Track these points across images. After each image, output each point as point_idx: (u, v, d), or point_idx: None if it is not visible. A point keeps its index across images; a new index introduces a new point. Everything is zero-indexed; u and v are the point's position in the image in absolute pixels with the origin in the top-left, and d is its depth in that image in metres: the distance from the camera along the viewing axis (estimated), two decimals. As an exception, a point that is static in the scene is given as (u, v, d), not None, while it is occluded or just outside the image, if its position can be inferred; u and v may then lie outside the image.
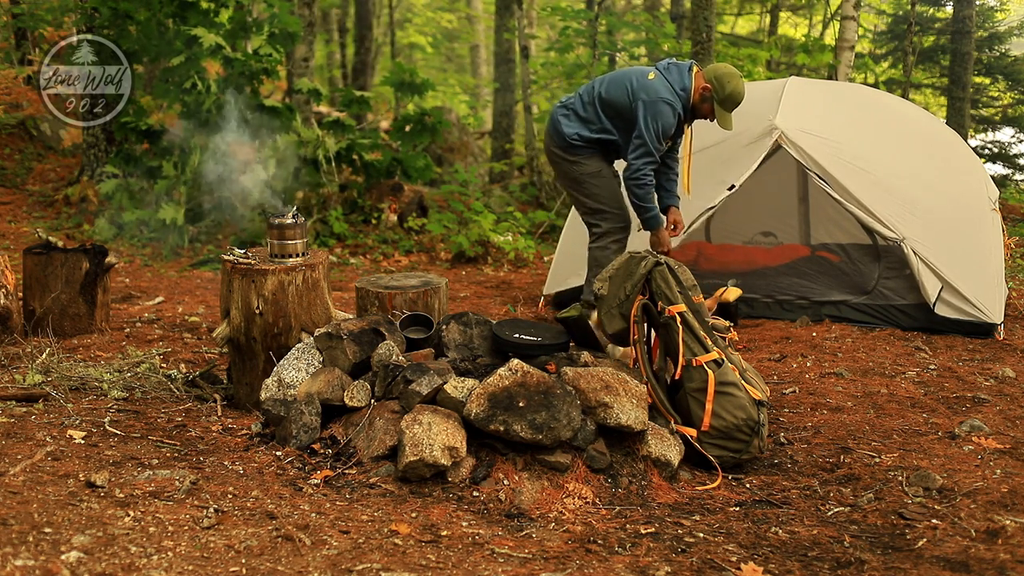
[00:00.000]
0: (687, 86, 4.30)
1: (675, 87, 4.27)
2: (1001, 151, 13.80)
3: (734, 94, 4.29)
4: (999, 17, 14.30)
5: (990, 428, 3.48)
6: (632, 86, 4.31)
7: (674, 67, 4.36)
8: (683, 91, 4.29)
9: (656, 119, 4.23)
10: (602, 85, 4.44)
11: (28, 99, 10.76)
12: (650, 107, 4.23)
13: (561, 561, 2.40)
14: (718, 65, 4.37)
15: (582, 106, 4.47)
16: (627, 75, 4.40)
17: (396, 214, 8.76)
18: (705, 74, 4.32)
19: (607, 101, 4.39)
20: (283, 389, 3.33)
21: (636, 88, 4.29)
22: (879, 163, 5.07)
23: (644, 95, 4.25)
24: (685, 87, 4.30)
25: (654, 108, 4.23)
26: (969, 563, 2.38)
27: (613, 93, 4.37)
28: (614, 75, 4.47)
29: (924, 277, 4.87)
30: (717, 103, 4.31)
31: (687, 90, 4.30)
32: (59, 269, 4.60)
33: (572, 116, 4.49)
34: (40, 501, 2.39)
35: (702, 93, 4.31)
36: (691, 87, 4.31)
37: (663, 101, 4.23)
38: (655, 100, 4.23)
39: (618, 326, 3.38)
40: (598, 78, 4.56)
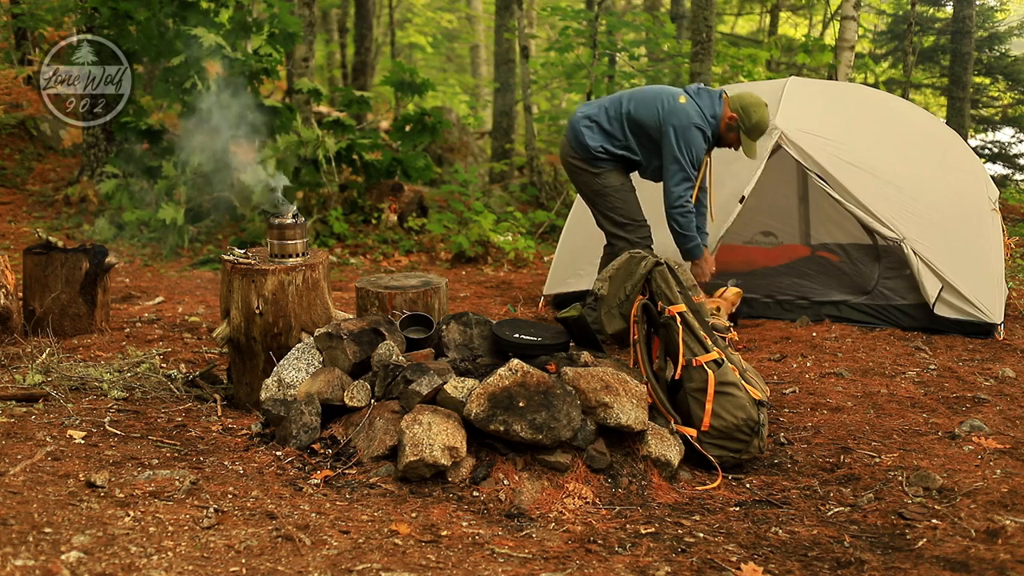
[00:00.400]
0: (717, 113, 4.29)
1: (706, 113, 4.25)
2: (1001, 151, 13.80)
3: (760, 123, 4.29)
4: (999, 17, 14.30)
5: (990, 428, 3.48)
6: (663, 109, 4.26)
7: (705, 93, 4.33)
8: (713, 118, 4.28)
9: (690, 146, 4.20)
10: (630, 103, 4.36)
11: (28, 99, 10.76)
12: (683, 132, 4.20)
13: (561, 561, 2.40)
14: (743, 94, 4.35)
15: (607, 120, 4.39)
16: (658, 96, 4.32)
17: (396, 214, 8.76)
18: (731, 103, 4.30)
19: (635, 120, 4.33)
20: (283, 389, 3.33)
21: (667, 112, 4.24)
22: (879, 163, 5.07)
23: (676, 120, 4.21)
24: (716, 114, 4.28)
25: (687, 134, 4.20)
26: (969, 563, 2.38)
27: (642, 114, 4.31)
28: (643, 94, 4.39)
29: (924, 277, 4.87)
30: (744, 132, 4.30)
31: (717, 117, 4.29)
32: (59, 269, 4.60)
33: (596, 129, 4.39)
34: (40, 501, 2.39)
35: (728, 122, 4.30)
36: (721, 115, 4.29)
37: (695, 127, 4.21)
38: (687, 126, 4.20)
39: (618, 326, 3.38)
40: (624, 93, 4.46)
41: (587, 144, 4.37)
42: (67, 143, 10.66)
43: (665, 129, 4.23)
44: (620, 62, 11.55)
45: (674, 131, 4.21)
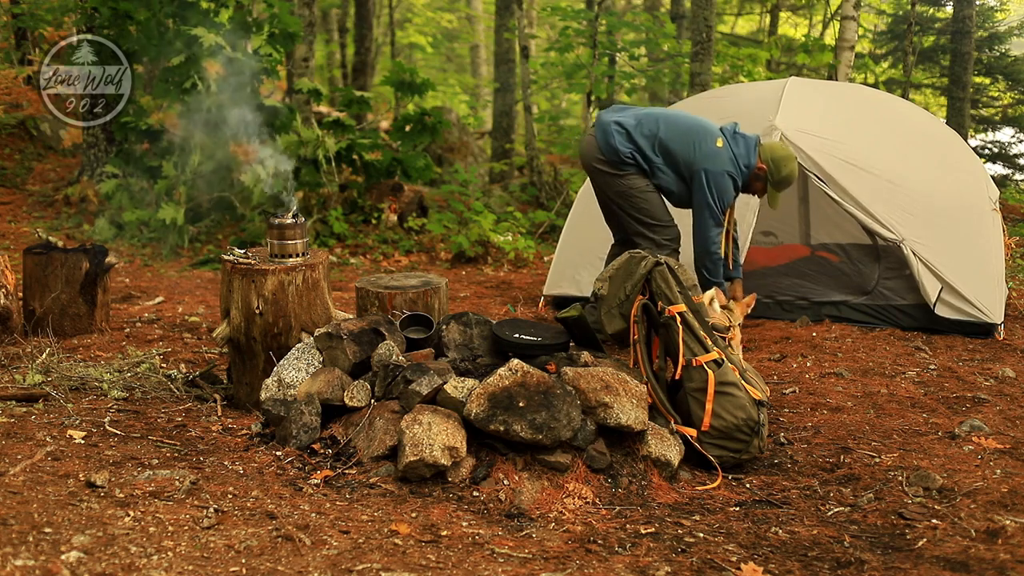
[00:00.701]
0: (752, 163, 4.23)
1: (739, 161, 4.21)
2: (1001, 151, 13.80)
3: (788, 177, 4.28)
4: (999, 17, 14.30)
5: (990, 428, 3.48)
6: (698, 149, 4.19)
7: (741, 139, 4.27)
8: (746, 168, 4.23)
9: (722, 194, 4.17)
10: (665, 129, 4.27)
11: (28, 99, 10.76)
12: (715, 178, 4.15)
13: (561, 561, 2.40)
14: (775, 146, 4.32)
15: (639, 135, 4.29)
16: (694, 134, 4.25)
17: (396, 214, 8.76)
18: (762, 154, 4.26)
19: (667, 148, 4.26)
20: (283, 389, 3.33)
21: (702, 154, 4.18)
22: (879, 163, 5.07)
23: (710, 164, 4.16)
24: (750, 164, 4.23)
25: (720, 181, 4.16)
26: (969, 563, 2.38)
27: (675, 145, 4.24)
28: (679, 125, 4.30)
29: (924, 278, 4.87)
30: (771, 184, 4.30)
31: (751, 167, 4.24)
32: (59, 269, 4.60)
33: (627, 137, 4.30)
34: (40, 501, 2.39)
35: (756, 172, 4.27)
36: (753, 165, 4.24)
37: (728, 175, 4.16)
38: (721, 172, 4.15)
39: (618, 326, 3.38)
40: (660, 114, 4.38)
41: (617, 148, 4.27)
42: (67, 143, 10.66)
43: (697, 171, 4.18)
44: (620, 62, 11.55)
45: (706, 176, 4.16)
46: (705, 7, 8.47)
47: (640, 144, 4.28)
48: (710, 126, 4.30)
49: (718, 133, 4.26)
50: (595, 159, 4.36)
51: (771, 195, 4.35)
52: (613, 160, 4.32)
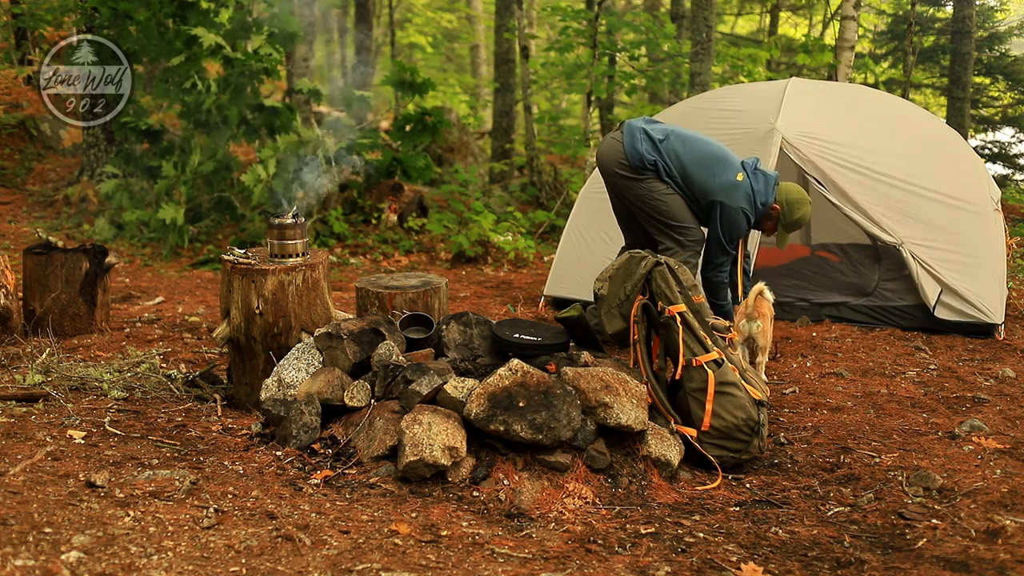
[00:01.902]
0: (768, 202, 4.22)
1: (757, 199, 4.18)
2: (1001, 151, 13.80)
3: (800, 221, 4.28)
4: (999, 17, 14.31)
5: (990, 428, 3.48)
6: (715, 179, 4.17)
7: (761, 176, 4.23)
8: (763, 206, 4.21)
9: (733, 229, 4.17)
10: (688, 155, 4.23)
11: (28, 99, 10.77)
12: (729, 213, 4.14)
13: (561, 561, 2.40)
14: (790, 188, 4.28)
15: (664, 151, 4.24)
16: (715, 163, 4.21)
17: (396, 214, 8.76)
18: (777, 194, 4.23)
19: (687, 174, 4.23)
20: (283, 389, 3.33)
21: (719, 185, 4.16)
22: (880, 165, 5.06)
23: (726, 198, 4.14)
24: (766, 202, 4.21)
25: (733, 216, 4.15)
26: (969, 563, 2.38)
27: (695, 173, 4.21)
28: (701, 152, 4.26)
29: (923, 281, 4.87)
30: (782, 225, 4.28)
31: (766, 205, 4.22)
32: (59, 269, 4.60)
33: (652, 147, 4.25)
34: (40, 501, 2.39)
35: (769, 212, 4.25)
36: (770, 202, 4.22)
37: (742, 211, 4.15)
38: (736, 208, 4.14)
39: (618, 326, 3.38)
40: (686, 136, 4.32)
41: (642, 153, 4.21)
42: (67, 143, 10.67)
43: (713, 202, 4.16)
44: (620, 62, 11.55)
45: (721, 209, 4.14)
46: (705, 7, 8.47)
47: (664, 157, 4.25)
48: (732, 158, 4.27)
49: (739, 167, 4.23)
50: (617, 163, 4.29)
51: (780, 235, 4.33)
52: (636, 165, 4.25)
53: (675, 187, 4.26)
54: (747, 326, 4.05)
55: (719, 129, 5.29)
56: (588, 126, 10.59)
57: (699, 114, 5.74)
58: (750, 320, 4.05)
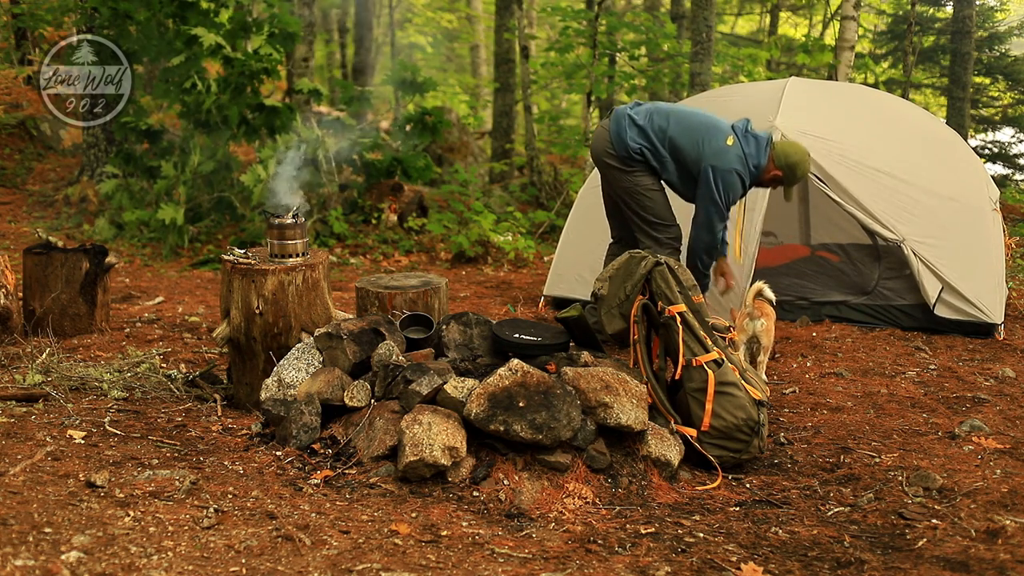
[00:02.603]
0: (761, 164, 4.16)
1: (749, 162, 4.13)
2: (1001, 151, 13.81)
3: (802, 176, 4.27)
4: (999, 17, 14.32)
5: (990, 428, 3.48)
6: (705, 147, 4.13)
7: (752, 139, 4.18)
8: (756, 168, 4.15)
9: (728, 191, 4.11)
10: (675, 127, 4.22)
11: (28, 99, 10.76)
12: (722, 176, 4.09)
13: (561, 561, 2.40)
14: (787, 147, 4.22)
15: (651, 131, 4.24)
16: (702, 131, 4.18)
17: (396, 214, 8.76)
18: (776, 158, 4.17)
19: (675, 146, 4.21)
20: (283, 389, 3.33)
21: (709, 151, 4.12)
22: (879, 164, 5.06)
23: (717, 161, 4.09)
24: (759, 165, 4.16)
25: (727, 179, 4.10)
26: (969, 563, 2.38)
27: (684, 143, 4.18)
28: (689, 122, 4.24)
29: (924, 278, 4.87)
30: (787, 186, 4.27)
31: (760, 168, 4.17)
32: (59, 269, 4.60)
33: (641, 134, 4.25)
34: (40, 501, 2.39)
35: (772, 176, 4.22)
36: (764, 166, 4.17)
37: (735, 173, 4.10)
38: (729, 170, 4.09)
39: (618, 326, 3.38)
40: (671, 112, 4.30)
41: (627, 143, 4.22)
42: (67, 143, 10.66)
43: (704, 168, 4.11)
44: (620, 62, 11.55)
45: (713, 173, 4.09)
46: (705, 7, 8.47)
47: (651, 137, 4.24)
48: (721, 123, 4.23)
49: (729, 131, 4.19)
50: (605, 152, 4.33)
51: (785, 191, 4.31)
52: (622, 155, 4.28)
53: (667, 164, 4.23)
54: (751, 325, 4.07)
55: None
56: (588, 126, 10.59)
57: (699, 114, 5.74)
58: (753, 319, 4.07)
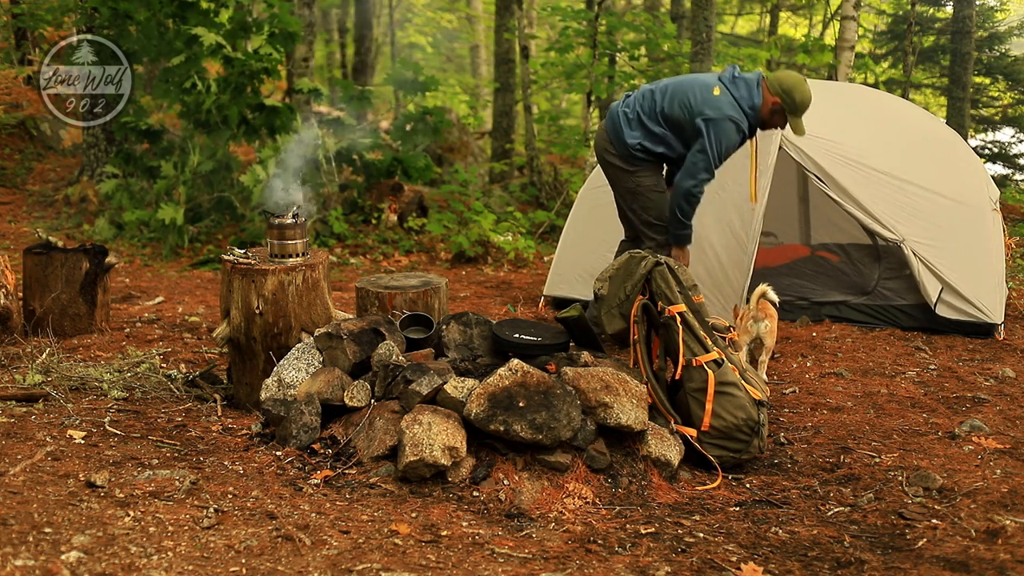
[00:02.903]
0: (756, 104, 4.07)
1: (743, 105, 4.04)
2: (1001, 151, 13.81)
3: (804, 102, 4.10)
4: (999, 17, 14.32)
5: (990, 428, 3.48)
6: (693, 102, 4.06)
7: (742, 81, 4.10)
8: (752, 109, 4.07)
9: (721, 139, 4.01)
10: (664, 99, 4.17)
11: (28, 99, 10.76)
12: (715, 125, 3.99)
13: (561, 561, 2.40)
14: (780, 76, 4.11)
15: (646, 115, 4.20)
16: (689, 89, 4.12)
17: (396, 214, 8.76)
18: (771, 87, 4.08)
19: (668, 116, 4.15)
20: (283, 389, 3.33)
21: (698, 104, 4.04)
22: (879, 164, 5.06)
23: (709, 111, 4.00)
24: (755, 105, 4.07)
25: (719, 127, 4.00)
26: (969, 563, 2.38)
27: (675, 109, 4.12)
28: (674, 88, 4.18)
29: (924, 278, 4.87)
30: (790, 114, 4.11)
31: (756, 108, 4.08)
32: (59, 269, 4.60)
33: (635, 124, 4.21)
34: (40, 501, 2.39)
35: (772, 107, 4.10)
36: (760, 104, 4.08)
37: (729, 119, 4.00)
38: (722, 119, 4.00)
39: (618, 326, 3.38)
40: (657, 87, 4.25)
41: (625, 140, 4.20)
42: (67, 143, 10.66)
43: (697, 122, 4.03)
44: (620, 62, 11.55)
45: (706, 124, 4.00)
46: (705, 7, 8.47)
47: (644, 124, 4.19)
48: (706, 78, 4.17)
49: (715, 82, 4.10)
50: (606, 152, 4.33)
51: (793, 123, 4.15)
52: (623, 153, 4.25)
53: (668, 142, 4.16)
54: (755, 327, 4.08)
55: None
56: (588, 126, 10.59)
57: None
58: (758, 321, 4.08)
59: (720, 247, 4.97)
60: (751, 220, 4.91)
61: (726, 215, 5.00)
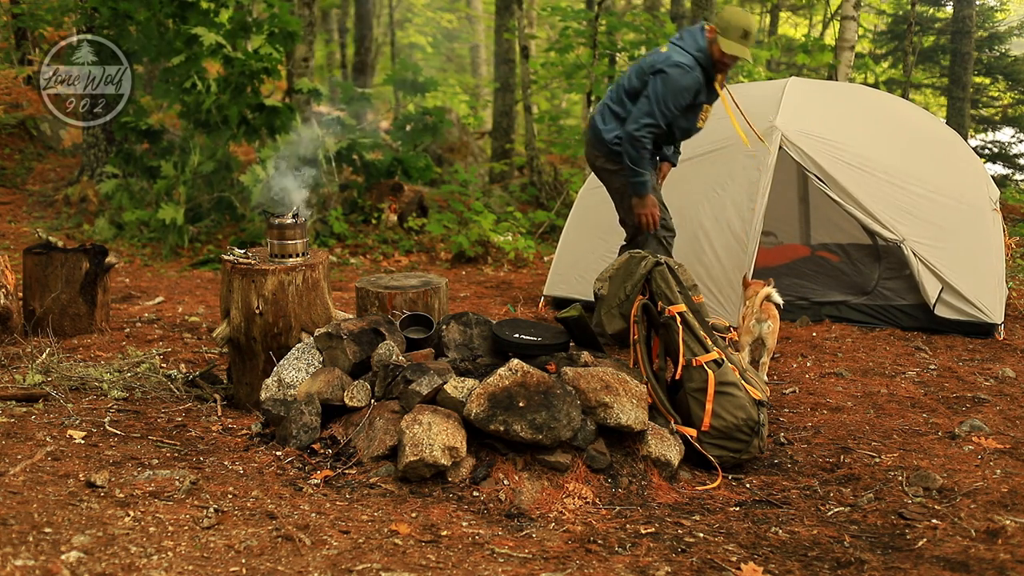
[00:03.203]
0: (702, 46, 4.12)
1: (689, 50, 4.11)
2: (1001, 151, 13.81)
3: (734, 21, 4.06)
4: (999, 17, 14.32)
5: (990, 428, 3.48)
6: (645, 65, 4.20)
7: (687, 33, 4.22)
8: (699, 52, 4.11)
9: (665, 84, 4.07)
10: (625, 79, 4.31)
11: (28, 99, 10.76)
12: (668, 74, 4.08)
13: (561, 561, 2.40)
14: (721, 12, 4.21)
15: (616, 103, 4.30)
16: (643, 59, 4.28)
17: (396, 214, 8.76)
18: (715, 27, 4.14)
19: (631, 92, 4.23)
20: (283, 389, 3.33)
21: (649, 63, 4.17)
22: (879, 164, 5.07)
23: (657, 64, 4.12)
24: (700, 47, 4.12)
25: (667, 74, 4.07)
26: (969, 563, 2.38)
27: (633, 82, 4.23)
28: (633, 66, 4.34)
29: (924, 278, 4.87)
30: (731, 40, 4.07)
31: (703, 50, 4.12)
32: (59, 269, 4.60)
33: (609, 117, 4.31)
34: (40, 501, 2.39)
35: (718, 46, 4.11)
36: (706, 44, 4.13)
37: (674, 65, 4.07)
38: (670, 65, 4.07)
39: (618, 326, 3.38)
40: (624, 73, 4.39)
41: (604, 138, 4.28)
42: (67, 143, 10.66)
43: (649, 79, 4.13)
44: (620, 62, 11.54)
45: (653, 76, 4.11)
46: (705, 7, 8.47)
47: (616, 111, 4.26)
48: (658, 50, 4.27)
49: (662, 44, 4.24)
50: (592, 153, 4.40)
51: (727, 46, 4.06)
52: (606, 152, 4.31)
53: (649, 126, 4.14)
54: (758, 327, 4.08)
55: (718, 128, 5.27)
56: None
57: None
58: (761, 322, 4.07)
59: (720, 247, 4.97)
60: (751, 220, 4.91)
61: (726, 215, 5.00)
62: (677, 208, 4.71)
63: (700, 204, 5.08)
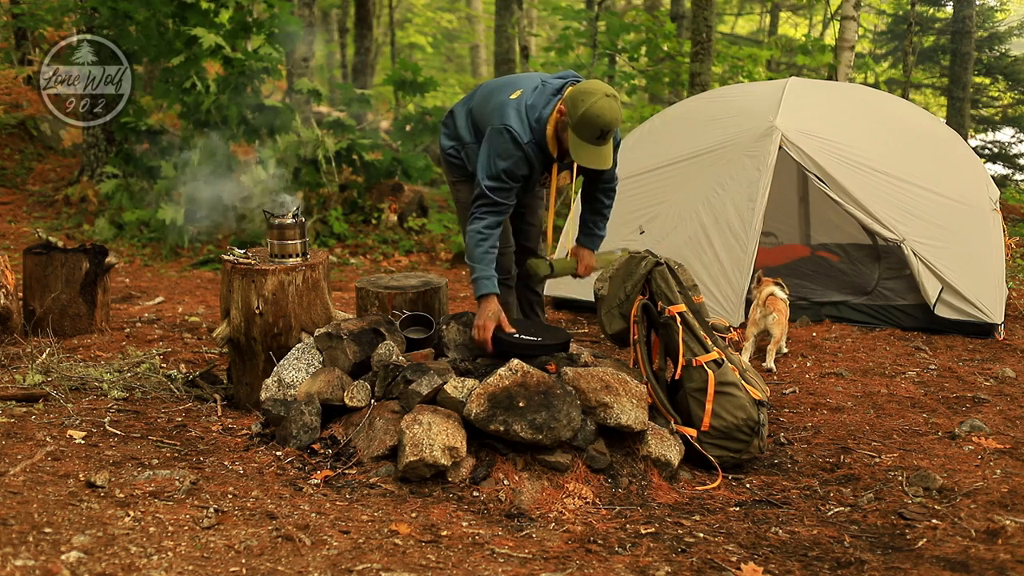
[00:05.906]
0: (543, 116, 3.21)
1: (529, 116, 3.22)
2: (1001, 151, 13.81)
3: (588, 115, 3.05)
4: (999, 17, 14.32)
5: (990, 428, 3.48)
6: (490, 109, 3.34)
7: (550, 86, 3.28)
8: (537, 122, 3.22)
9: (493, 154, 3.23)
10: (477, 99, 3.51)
11: (28, 99, 10.76)
12: (491, 136, 3.25)
13: (561, 561, 2.40)
14: (580, 85, 3.19)
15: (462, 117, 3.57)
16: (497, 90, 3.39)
17: (396, 214, 8.76)
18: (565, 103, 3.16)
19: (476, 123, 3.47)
20: (283, 389, 3.33)
21: (490, 112, 3.32)
22: (879, 164, 5.07)
23: (494, 121, 3.25)
24: (541, 118, 3.22)
25: (494, 139, 3.23)
26: (969, 563, 2.38)
27: (479, 114, 3.45)
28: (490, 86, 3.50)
29: (924, 278, 4.87)
30: (571, 129, 3.12)
31: (542, 121, 3.21)
32: (59, 269, 4.60)
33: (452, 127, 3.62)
34: (40, 501, 2.39)
35: (557, 123, 3.22)
36: (548, 117, 3.22)
37: (506, 130, 3.20)
38: (499, 128, 3.22)
39: (618, 326, 3.38)
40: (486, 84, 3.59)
41: (441, 145, 3.65)
42: (67, 143, 10.66)
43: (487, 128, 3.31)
44: (620, 62, 11.55)
45: (487, 134, 3.28)
46: (705, 7, 8.47)
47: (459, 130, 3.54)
48: (524, 77, 3.38)
49: (522, 84, 3.30)
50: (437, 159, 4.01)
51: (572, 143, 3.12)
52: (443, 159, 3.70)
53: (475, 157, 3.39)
54: (763, 320, 4.24)
55: (718, 128, 5.29)
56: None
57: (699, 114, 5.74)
58: (765, 315, 4.24)
59: (720, 247, 4.98)
60: (751, 220, 4.91)
61: (726, 215, 5.00)
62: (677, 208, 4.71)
63: (700, 204, 5.08)
